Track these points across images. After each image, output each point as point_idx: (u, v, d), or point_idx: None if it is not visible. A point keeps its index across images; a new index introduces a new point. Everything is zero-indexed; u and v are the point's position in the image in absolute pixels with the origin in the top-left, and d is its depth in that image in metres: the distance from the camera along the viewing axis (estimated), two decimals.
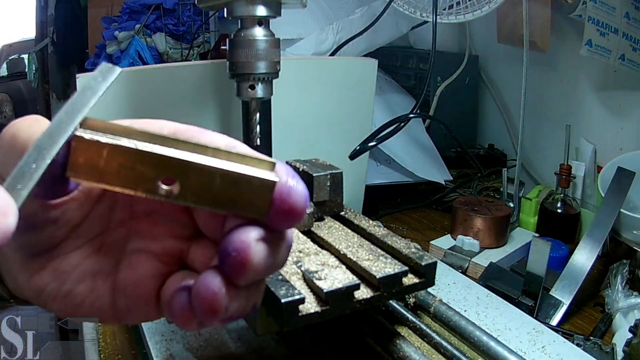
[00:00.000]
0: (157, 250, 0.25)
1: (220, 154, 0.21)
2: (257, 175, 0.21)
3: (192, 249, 0.25)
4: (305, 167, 0.54)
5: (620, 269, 0.67)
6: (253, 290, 0.23)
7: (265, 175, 0.21)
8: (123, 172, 0.21)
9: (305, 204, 0.22)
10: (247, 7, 0.59)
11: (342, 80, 0.82)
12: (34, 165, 0.19)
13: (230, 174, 0.21)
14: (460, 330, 0.51)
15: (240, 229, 0.21)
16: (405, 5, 0.93)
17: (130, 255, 0.25)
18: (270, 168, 0.22)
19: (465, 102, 1.24)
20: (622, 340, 0.56)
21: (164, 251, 0.25)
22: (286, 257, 0.23)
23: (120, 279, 0.25)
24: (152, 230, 0.25)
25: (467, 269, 0.78)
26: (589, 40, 0.83)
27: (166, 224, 0.25)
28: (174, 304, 0.23)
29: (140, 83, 0.67)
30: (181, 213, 0.25)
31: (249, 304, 0.23)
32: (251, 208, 0.21)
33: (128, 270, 0.25)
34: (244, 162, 0.22)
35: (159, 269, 0.25)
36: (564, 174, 0.87)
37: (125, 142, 0.21)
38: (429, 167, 1.07)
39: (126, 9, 1.84)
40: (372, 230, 0.51)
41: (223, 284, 0.21)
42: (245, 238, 0.21)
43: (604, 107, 0.98)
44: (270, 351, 0.52)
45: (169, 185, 0.21)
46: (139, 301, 0.25)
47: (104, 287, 0.25)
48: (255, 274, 0.21)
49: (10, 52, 3.54)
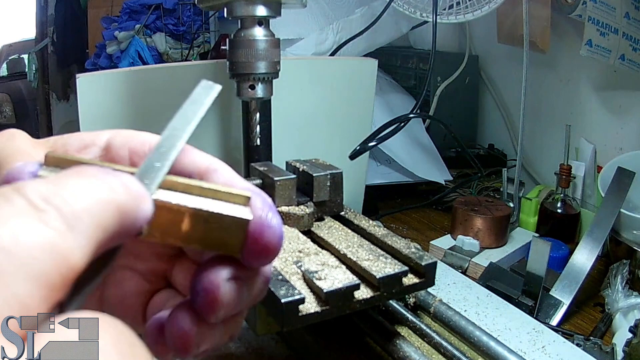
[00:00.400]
0: (142, 269, 0.25)
1: (193, 188, 0.21)
2: (229, 213, 0.21)
3: (176, 269, 0.25)
4: (305, 167, 0.54)
5: (620, 269, 0.67)
6: (229, 323, 0.23)
7: (237, 213, 0.21)
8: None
9: (279, 242, 0.21)
10: (247, 7, 0.59)
11: (342, 80, 0.82)
12: (158, 164, 0.20)
13: (201, 213, 0.20)
14: (460, 330, 0.51)
15: (211, 268, 0.21)
16: (405, 5, 0.94)
17: (116, 272, 0.25)
18: (245, 202, 0.21)
19: (465, 102, 1.24)
20: (622, 340, 0.56)
21: (148, 270, 0.25)
22: (263, 290, 0.23)
23: (107, 295, 0.25)
24: (137, 249, 0.25)
25: (467, 269, 0.78)
26: (589, 40, 0.83)
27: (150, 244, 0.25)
28: (148, 337, 0.22)
29: (140, 83, 0.67)
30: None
31: (225, 337, 0.23)
32: (224, 246, 0.21)
33: (114, 286, 0.25)
34: (217, 196, 0.21)
35: (144, 286, 0.25)
36: (564, 174, 0.87)
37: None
38: (429, 167, 1.07)
39: (126, 9, 1.84)
40: (372, 230, 0.51)
41: (194, 322, 0.21)
42: (214, 278, 0.20)
43: (604, 107, 0.98)
44: (270, 351, 0.52)
45: None
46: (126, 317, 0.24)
47: (92, 302, 0.25)
48: (226, 312, 0.21)
49: (10, 52, 3.54)
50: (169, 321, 0.21)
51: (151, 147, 0.22)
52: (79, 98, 0.63)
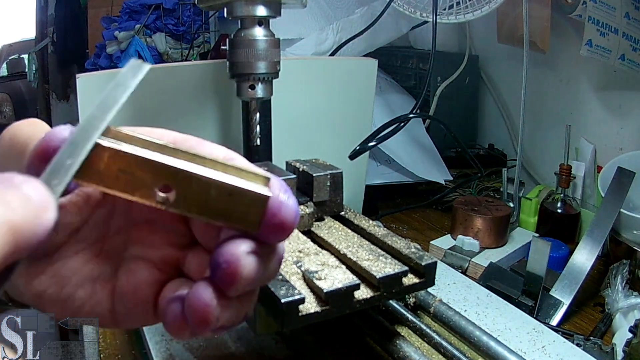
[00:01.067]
0: (155, 258, 0.25)
1: (218, 166, 0.22)
2: (251, 188, 0.22)
3: (189, 257, 0.25)
4: (305, 167, 0.54)
5: (620, 269, 0.67)
6: (244, 300, 0.23)
7: (258, 190, 0.22)
8: (122, 176, 0.21)
9: (295, 219, 0.22)
10: (247, 7, 0.59)
11: (342, 80, 0.82)
12: (69, 161, 0.20)
13: (225, 186, 0.22)
14: (460, 330, 0.51)
15: (231, 242, 0.22)
16: (405, 5, 0.93)
17: (128, 262, 0.25)
18: (265, 183, 0.22)
19: (465, 102, 1.24)
20: (622, 340, 0.56)
21: (161, 259, 0.25)
22: (277, 269, 0.24)
23: (119, 285, 0.25)
24: (150, 238, 0.26)
25: (467, 269, 0.78)
26: (589, 40, 0.83)
27: (163, 232, 0.25)
28: (167, 313, 0.23)
29: (140, 83, 0.67)
30: (178, 222, 0.25)
31: (240, 314, 0.23)
32: (244, 221, 0.22)
33: (126, 276, 0.25)
34: (239, 175, 0.22)
35: (157, 276, 0.25)
36: (564, 174, 0.87)
37: (126, 148, 0.21)
38: (429, 167, 1.07)
39: (126, 9, 1.84)
40: (372, 230, 0.51)
41: (214, 296, 0.21)
42: (236, 250, 0.21)
43: (604, 107, 0.98)
44: (270, 351, 0.52)
45: (166, 192, 0.22)
46: (137, 307, 0.25)
47: (103, 293, 0.25)
48: (245, 285, 0.22)
49: (10, 52, 3.54)
50: (190, 295, 0.22)
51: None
52: (79, 98, 0.63)
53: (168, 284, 0.25)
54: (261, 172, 0.22)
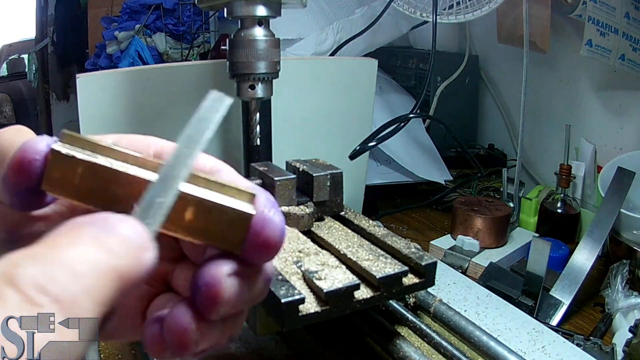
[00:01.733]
0: None
1: (199, 180, 0.21)
2: (233, 205, 0.20)
3: (177, 271, 0.25)
4: (305, 167, 0.54)
5: (620, 269, 0.67)
6: (229, 323, 0.22)
7: (241, 207, 0.21)
8: (97, 190, 0.20)
9: (281, 238, 0.21)
10: (247, 7, 0.59)
11: (342, 80, 0.82)
12: (161, 199, 0.19)
13: (205, 203, 0.20)
14: (460, 330, 0.51)
15: (212, 262, 0.20)
16: (405, 5, 0.94)
17: None
18: (250, 199, 0.21)
19: (465, 102, 1.24)
20: (622, 340, 0.56)
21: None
22: (264, 290, 0.23)
23: None
24: None
25: (467, 269, 0.78)
26: (589, 40, 0.83)
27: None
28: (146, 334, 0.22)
29: (140, 83, 0.67)
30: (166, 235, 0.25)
31: (224, 337, 0.22)
32: (225, 240, 0.21)
33: None
34: (222, 191, 0.21)
35: (145, 290, 0.25)
36: (564, 174, 0.87)
37: (101, 161, 0.20)
38: (429, 167, 1.07)
39: (126, 9, 1.84)
40: (372, 230, 0.51)
41: (193, 319, 0.20)
42: (216, 272, 0.20)
43: (604, 107, 0.98)
44: (270, 351, 0.52)
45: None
46: (126, 321, 0.24)
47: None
48: (227, 308, 0.20)
49: (10, 52, 3.54)
50: (168, 318, 0.21)
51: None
52: (79, 98, 0.63)
53: (156, 299, 0.24)
54: (247, 187, 0.21)
